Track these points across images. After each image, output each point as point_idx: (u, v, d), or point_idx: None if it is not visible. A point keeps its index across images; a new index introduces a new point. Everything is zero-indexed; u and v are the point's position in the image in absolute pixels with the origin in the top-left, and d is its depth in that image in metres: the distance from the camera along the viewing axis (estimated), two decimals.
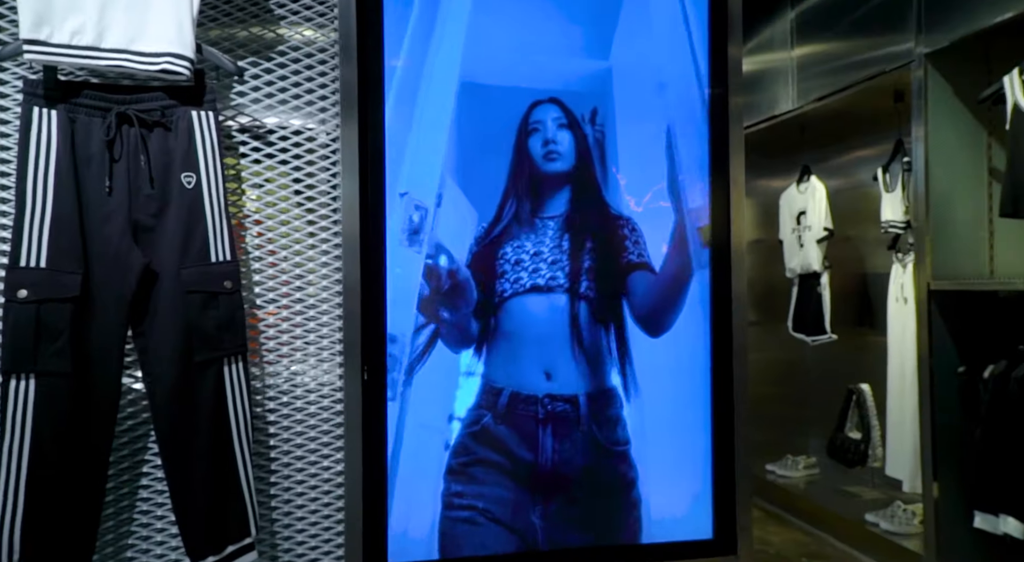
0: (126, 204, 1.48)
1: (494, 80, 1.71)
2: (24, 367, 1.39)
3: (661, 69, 1.72)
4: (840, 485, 3.59)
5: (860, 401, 3.43)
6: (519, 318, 1.70)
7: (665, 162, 1.71)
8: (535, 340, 1.72)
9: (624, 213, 1.72)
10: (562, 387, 1.71)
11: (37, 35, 1.40)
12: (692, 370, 1.76)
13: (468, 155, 1.69)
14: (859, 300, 3.86)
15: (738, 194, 1.63)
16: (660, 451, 1.74)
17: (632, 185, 1.71)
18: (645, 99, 1.71)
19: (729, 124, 1.65)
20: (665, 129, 1.72)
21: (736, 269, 1.61)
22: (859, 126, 3.79)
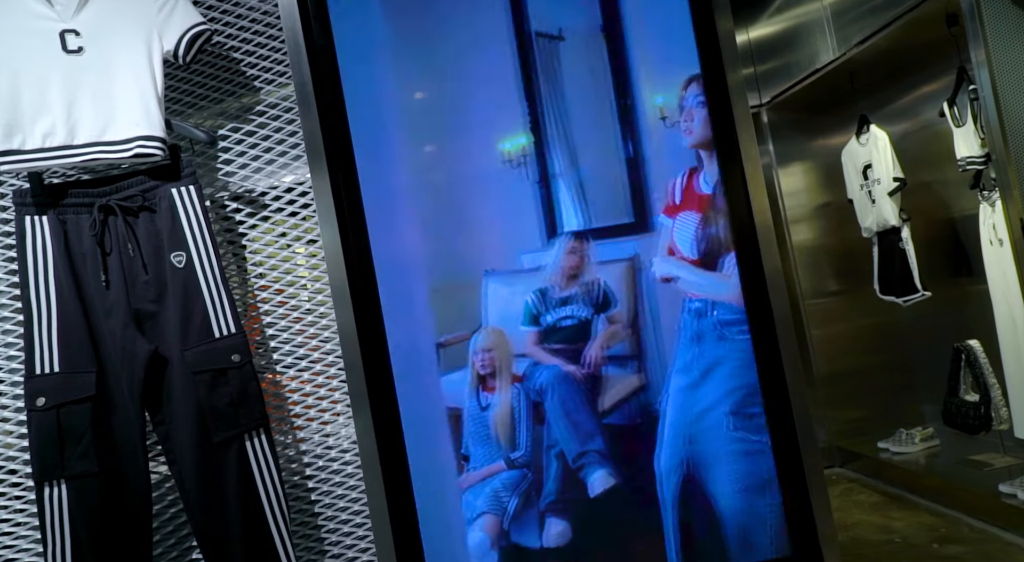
0: (124, 295, 1.47)
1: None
2: (54, 474, 1.40)
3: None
4: (965, 455, 3.25)
5: (971, 359, 3.10)
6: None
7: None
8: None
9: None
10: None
11: (10, 145, 1.42)
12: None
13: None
14: (950, 249, 3.52)
15: (753, 168, 1.46)
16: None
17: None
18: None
19: (731, 101, 1.49)
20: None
21: (765, 248, 1.45)
22: (914, 62, 3.48)
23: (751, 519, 1.58)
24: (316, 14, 1.47)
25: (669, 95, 1.58)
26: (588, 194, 1.63)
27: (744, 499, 1.58)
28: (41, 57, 1.44)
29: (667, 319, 1.61)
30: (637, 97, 1.61)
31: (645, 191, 1.62)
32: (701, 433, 1.60)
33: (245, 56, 1.68)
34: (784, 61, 3.77)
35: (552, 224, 1.64)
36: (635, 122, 1.61)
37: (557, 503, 1.61)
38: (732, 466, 1.57)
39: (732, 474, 1.57)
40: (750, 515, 1.58)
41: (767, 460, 1.57)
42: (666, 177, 1.60)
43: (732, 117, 1.50)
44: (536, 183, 1.63)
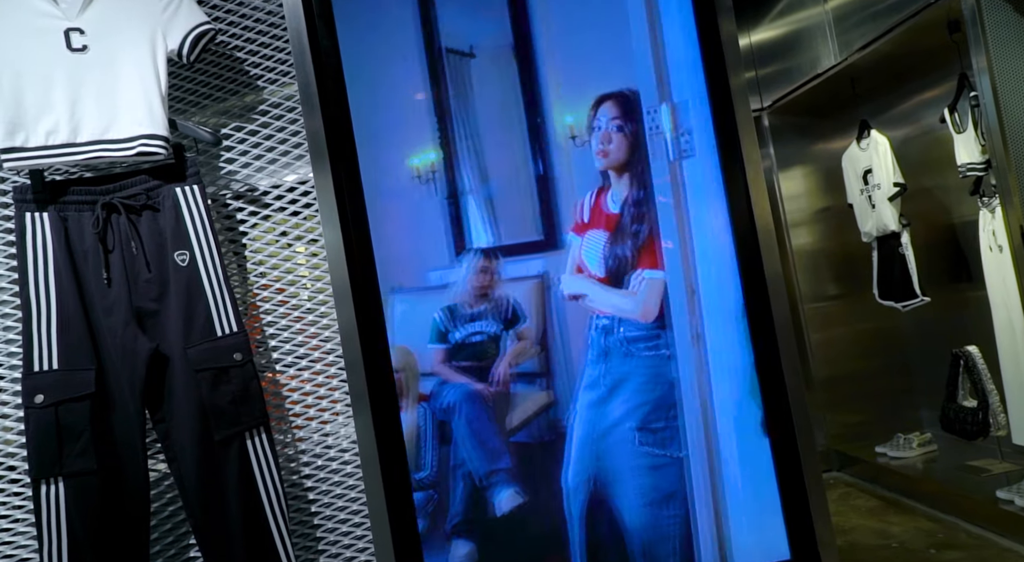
0: (126, 292, 1.47)
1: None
2: (51, 471, 1.40)
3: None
4: (963, 461, 3.25)
5: (969, 365, 3.11)
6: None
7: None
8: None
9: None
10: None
11: (13, 143, 1.42)
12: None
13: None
14: (949, 255, 3.52)
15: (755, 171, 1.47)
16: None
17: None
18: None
19: (734, 103, 1.49)
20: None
21: (766, 252, 1.45)
22: (915, 67, 3.49)
23: (656, 533, 1.58)
24: (320, 12, 1.47)
25: (579, 115, 1.57)
26: (498, 211, 1.63)
27: (650, 513, 1.58)
28: (45, 55, 1.44)
29: (575, 336, 1.61)
30: (547, 116, 1.60)
31: (554, 209, 1.61)
32: (608, 449, 1.60)
33: (248, 55, 1.68)
34: (786, 65, 3.78)
35: (461, 241, 1.64)
36: (545, 140, 1.60)
37: (463, 524, 1.61)
38: (638, 481, 1.57)
39: (638, 488, 1.57)
40: (655, 529, 1.58)
41: (673, 473, 1.58)
42: (575, 196, 1.60)
43: (734, 120, 1.50)
44: (445, 199, 1.62)
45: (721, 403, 1.58)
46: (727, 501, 1.59)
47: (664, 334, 1.59)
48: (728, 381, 1.58)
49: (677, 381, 1.59)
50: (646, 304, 1.56)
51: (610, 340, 1.59)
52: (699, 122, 1.57)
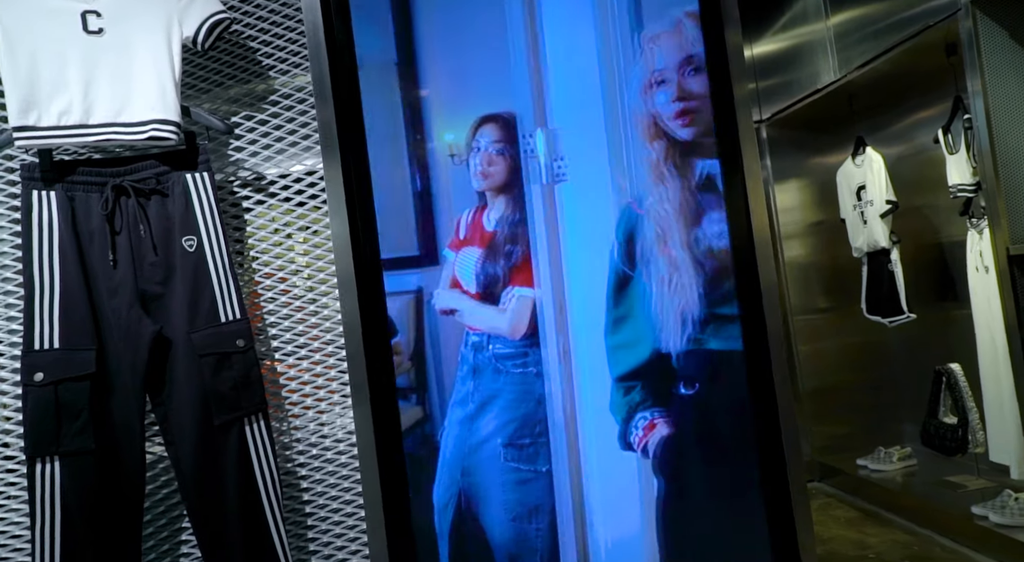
0: (131, 275, 1.48)
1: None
2: (48, 450, 1.40)
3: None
4: (941, 476, 3.31)
5: (951, 382, 3.16)
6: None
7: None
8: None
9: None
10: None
11: (25, 121, 1.42)
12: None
13: None
14: (937, 274, 3.58)
15: (755, 183, 1.50)
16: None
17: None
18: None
19: (736, 114, 1.52)
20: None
21: (763, 264, 1.48)
22: (911, 88, 3.54)
23: (522, 547, 1.60)
24: (337, 9, 1.49)
25: (459, 133, 1.59)
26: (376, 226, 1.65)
27: (515, 527, 1.59)
28: (61, 36, 1.45)
29: (449, 352, 1.63)
30: (428, 132, 1.62)
31: (432, 225, 1.63)
32: (476, 465, 1.61)
33: (261, 46, 1.70)
34: (786, 79, 3.82)
35: None
36: (425, 157, 1.63)
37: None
38: (505, 496, 1.59)
39: (504, 504, 1.58)
40: (521, 543, 1.60)
41: (538, 487, 1.60)
42: (453, 212, 1.63)
43: (736, 131, 1.53)
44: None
45: (586, 419, 1.61)
46: (591, 514, 1.62)
47: (533, 351, 1.61)
48: (594, 397, 1.61)
49: (544, 398, 1.61)
50: (515, 321, 1.59)
51: (481, 357, 1.60)
52: (573, 148, 1.60)
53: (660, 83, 1.58)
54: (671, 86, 1.58)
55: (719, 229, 1.57)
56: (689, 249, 1.57)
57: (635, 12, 1.62)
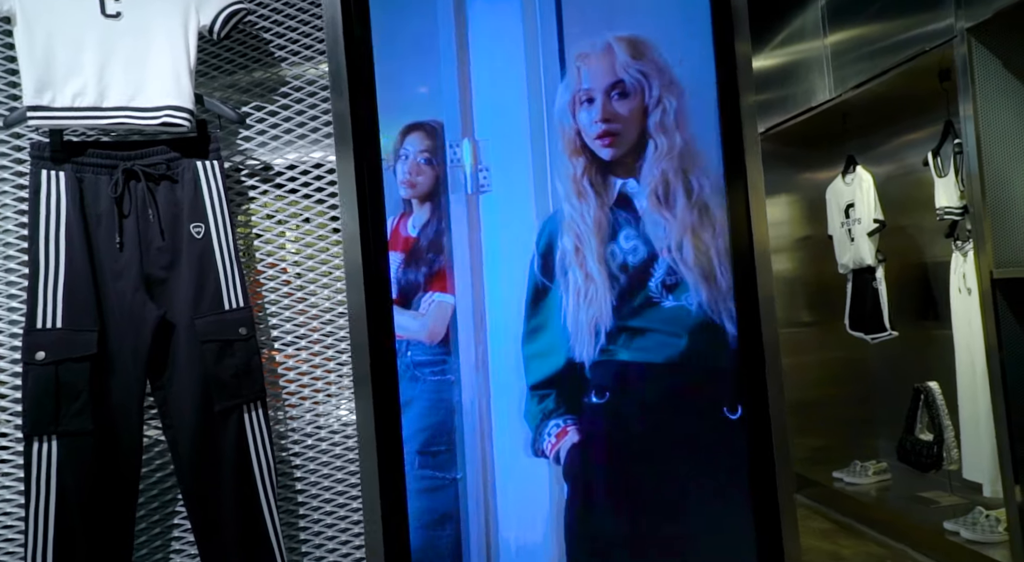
0: (137, 258, 1.49)
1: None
2: (46, 429, 1.41)
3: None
4: (915, 491, 3.38)
5: (929, 400, 3.24)
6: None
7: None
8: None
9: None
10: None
11: (40, 101, 1.43)
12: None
13: None
14: (920, 293, 3.66)
15: (758, 200, 1.53)
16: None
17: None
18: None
19: (742, 124, 1.55)
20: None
21: (762, 276, 1.52)
22: (904, 110, 3.61)
23: (431, 554, 1.63)
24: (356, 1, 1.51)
25: (386, 139, 1.61)
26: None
27: (425, 534, 1.62)
28: (79, 18, 1.45)
29: None
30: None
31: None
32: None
33: (274, 38, 1.71)
34: (781, 94, 3.88)
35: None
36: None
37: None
38: (417, 503, 1.61)
39: (416, 511, 1.60)
40: (431, 550, 1.63)
41: (449, 495, 1.63)
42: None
43: (741, 141, 1.56)
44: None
45: (500, 426, 1.65)
46: (499, 521, 1.65)
47: (451, 359, 1.64)
48: (508, 405, 1.65)
49: (458, 405, 1.64)
50: (433, 325, 1.62)
51: (399, 363, 1.63)
52: (498, 159, 1.64)
53: (586, 102, 1.62)
54: (597, 107, 1.61)
55: (633, 245, 1.61)
56: (604, 263, 1.61)
57: (560, 29, 1.65)
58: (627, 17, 1.64)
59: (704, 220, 1.60)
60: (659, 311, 1.61)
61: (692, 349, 1.60)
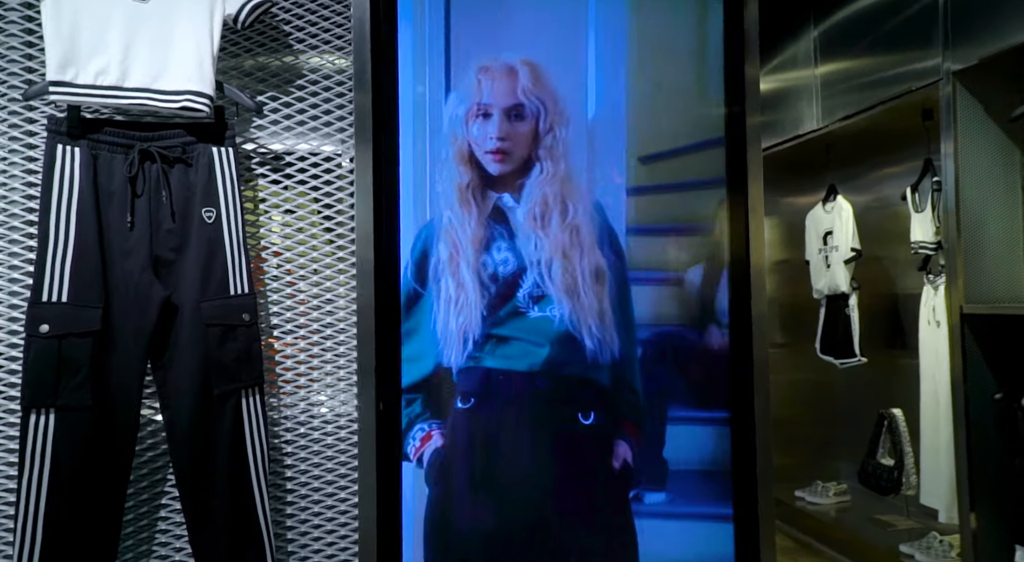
0: (147, 239, 1.50)
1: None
2: (45, 402, 1.41)
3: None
4: (873, 513, 3.49)
5: (892, 426, 3.34)
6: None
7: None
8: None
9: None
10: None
11: (63, 76, 1.44)
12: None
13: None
14: (889, 322, 3.77)
15: (757, 221, 1.60)
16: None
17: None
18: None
19: (747, 142, 1.62)
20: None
21: (756, 294, 1.58)
22: (886, 145, 3.73)
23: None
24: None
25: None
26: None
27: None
28: None
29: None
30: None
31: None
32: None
33: (294, 31, 1.73)
34: (770, 120, 3.97)
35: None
36: None
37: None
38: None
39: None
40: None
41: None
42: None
43: (745, 158, 1.62)
44: None
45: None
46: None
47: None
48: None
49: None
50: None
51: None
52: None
53: (483, 116, 1.66)
54: (494, 123, 1.66)
55: (505, 257, 1.67)
56: (476, 273, 1.66)
57: (448, 38, 1.69)
58: (524, 41, 1.70)
59: (574, 241, 1.66)
60: (524, 321, 1.66)
61: (552, 358, 1.66)
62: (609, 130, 1.71)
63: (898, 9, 3.14)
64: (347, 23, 1.74)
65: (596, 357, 1.65)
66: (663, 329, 1.73)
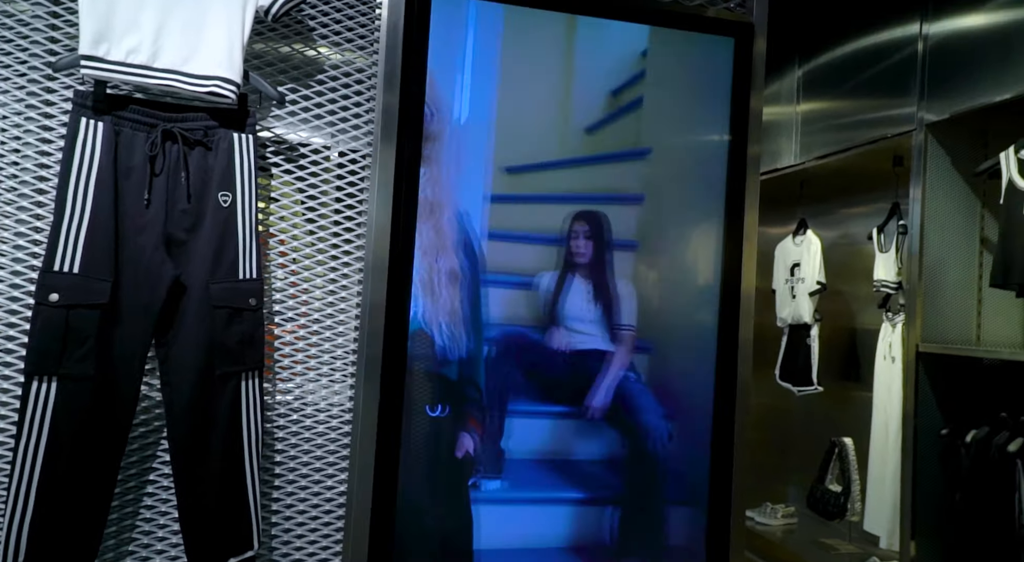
0: (162, 217, 1.52)
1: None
2: (48, 370, 1.42)
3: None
4: (817, 537, 3.63)
5: (842, 454, 3.49)
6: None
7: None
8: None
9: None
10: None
11: (95, 51, 1.46)
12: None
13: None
14: (847, 355, 3.93)
15: (750, 247, 1.69)
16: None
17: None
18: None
19: (746, 170, 1.72)
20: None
21: (744, 320, 1.67)
22: (857, 185, 3.91)
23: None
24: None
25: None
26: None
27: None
28: None
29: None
30: None
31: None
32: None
33: (319, 26, 1.77)
34: None
35: None
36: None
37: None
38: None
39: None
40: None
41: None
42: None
43: (743, 185, 1.72)
44: None
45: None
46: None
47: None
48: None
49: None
50: None
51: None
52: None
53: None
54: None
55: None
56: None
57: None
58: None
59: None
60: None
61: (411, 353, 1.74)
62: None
63: (879, 58, 3.30)
64: (371, 23, 1.79)
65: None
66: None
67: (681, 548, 1.78)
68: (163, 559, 1.65)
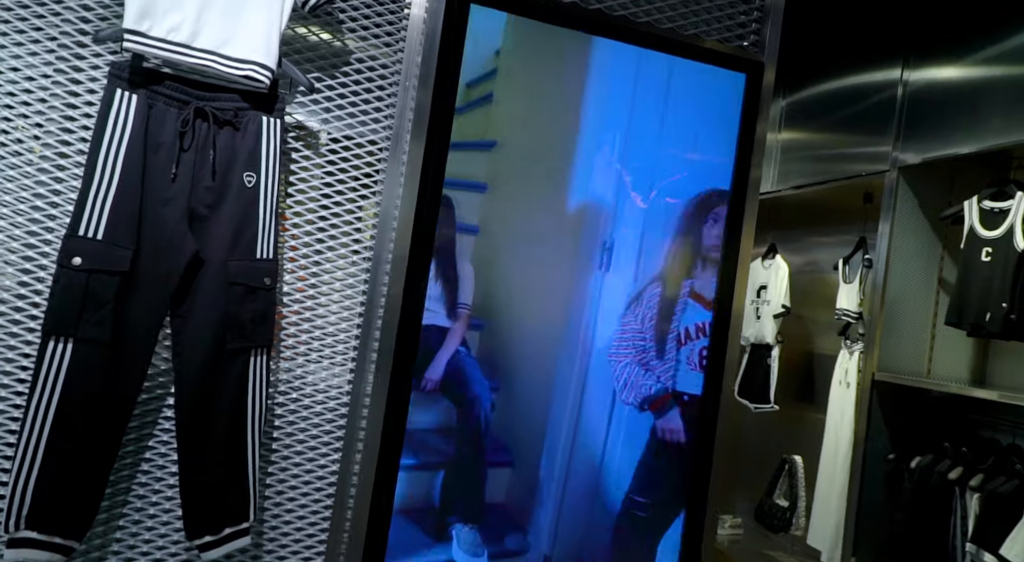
0: (187, 192, 1.57)
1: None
2: (65, 331, 1.46)
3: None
4: (762, 549, 3.80)
5: (792, 471, 3.67)
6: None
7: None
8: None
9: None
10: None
11: (139, 27, 1.49)
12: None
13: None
14: (804, 377, 4.12)
15: (743, 270, 1.81)
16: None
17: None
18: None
19: (747, 193, 1.84)
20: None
21: (732, 339, 1.79)
22: (827, 217, 4.09)
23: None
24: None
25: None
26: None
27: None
28: None
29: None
30: None
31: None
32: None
33: (348, 19, 1.83)
34: None
35: None
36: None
37: None
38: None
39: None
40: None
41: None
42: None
43: (743, 208, 1.83)
44: None
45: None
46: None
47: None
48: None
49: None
50: None
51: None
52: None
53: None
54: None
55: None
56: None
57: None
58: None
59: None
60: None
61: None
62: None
63: (860, 97, 3.48)
64: (398, 22, 1.85)
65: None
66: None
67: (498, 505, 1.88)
68: (155, 523, 1.69)
